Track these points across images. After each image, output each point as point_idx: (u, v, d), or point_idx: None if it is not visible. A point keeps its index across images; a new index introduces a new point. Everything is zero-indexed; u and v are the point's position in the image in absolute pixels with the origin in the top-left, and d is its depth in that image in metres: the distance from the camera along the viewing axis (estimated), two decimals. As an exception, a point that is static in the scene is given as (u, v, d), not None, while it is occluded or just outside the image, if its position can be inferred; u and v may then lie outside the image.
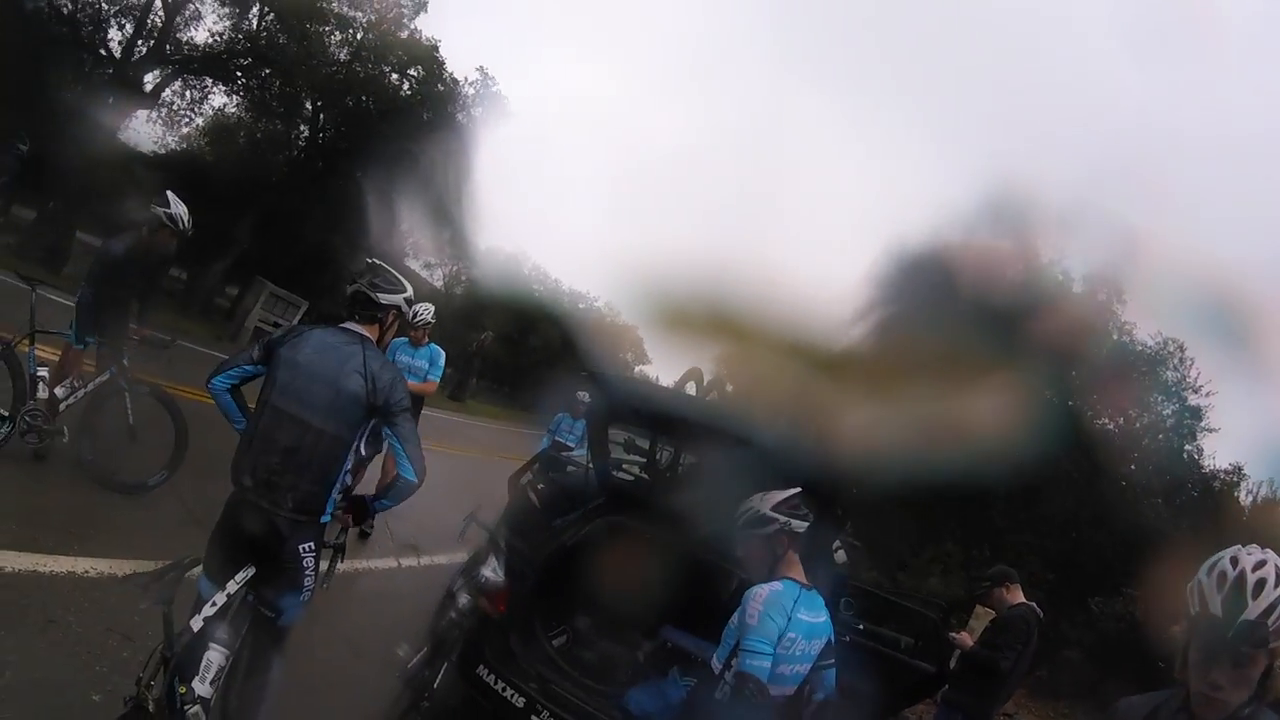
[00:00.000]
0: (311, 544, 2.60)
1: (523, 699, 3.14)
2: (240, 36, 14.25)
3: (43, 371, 4.36)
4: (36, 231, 13.17)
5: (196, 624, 2.37)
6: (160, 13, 13.69)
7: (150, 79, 14.10)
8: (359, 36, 15.33)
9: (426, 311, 5.82)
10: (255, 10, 14.30)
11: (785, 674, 2.61)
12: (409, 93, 15.85)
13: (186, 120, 14.80)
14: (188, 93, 14.70)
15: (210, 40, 14.08)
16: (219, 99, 14.91)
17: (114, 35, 13.60)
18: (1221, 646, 1.47)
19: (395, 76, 15.91)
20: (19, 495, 4.00)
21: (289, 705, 2.97)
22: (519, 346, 22.15)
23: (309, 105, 15.56)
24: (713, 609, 3.28)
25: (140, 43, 13.68)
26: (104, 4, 13.06)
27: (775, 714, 2.60)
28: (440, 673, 3.31)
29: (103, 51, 13.47)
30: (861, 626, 4.20)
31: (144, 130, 14.36)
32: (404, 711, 3.32)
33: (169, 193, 4.67)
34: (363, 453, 2.73)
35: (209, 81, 14.62)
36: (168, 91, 14.46)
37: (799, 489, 2.72)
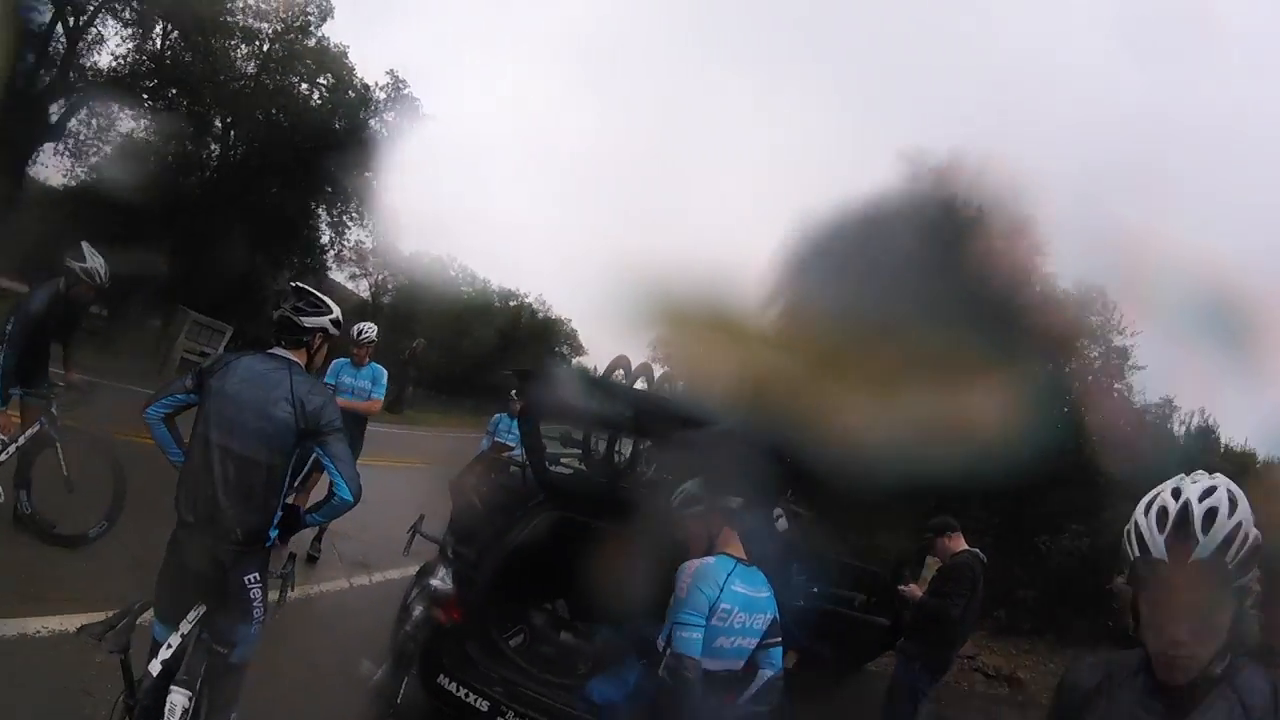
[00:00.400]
0: (256, 574, 2.59)
1: (486, 703, 3.15)
2: (144, 58, 13.62)
3: None
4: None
5: (155, 668, 2.38)
6: (62, 39, 12.99)
7: (55, 109, 13.39)
8: (265, 48, 14.82)
9: (370, 330, 5.85)
10: (159, 29, 13.69)
11: (725, 647, 2.63)
12: (319, 102, 15.41)
13: (94, 150, 14.04)
14: (94, 121, 13.96)
15: (114, 64, 13.44)
16: (126, 124, 14.19)
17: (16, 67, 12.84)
18: (1173, 596, 1.23)
19: (305, 86, 15.45)
20: None
21: None
22: (453, 350, 21.81)
23: (218, 123, 14.95)
24: (665, 591, 3.31)
25: (43, 73, 12.97)
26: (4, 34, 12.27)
27: (717, 687, 2.64)
28: (404, 685, 3.30)
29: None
30: (815, 590, 4.30)
31: (52, 164, 13.71)
32: None
33: (84, 244, 4.55)
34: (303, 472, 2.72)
35: (114, 108, 13.89)
36: (73, 121, 13.74)
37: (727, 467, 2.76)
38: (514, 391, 5.98)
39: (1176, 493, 1.27)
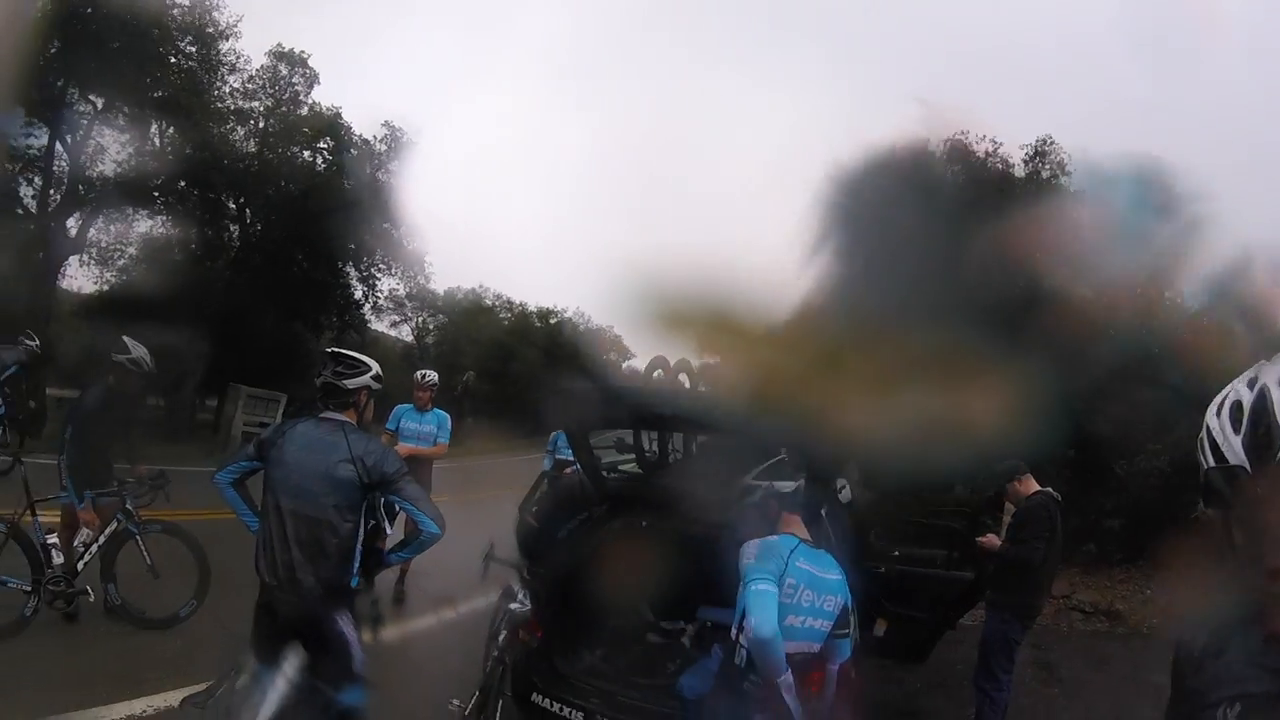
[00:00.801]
0: (347, 613, 2.74)
1: (581, 714, 3.20)
2: (145, 158, 14.09)
3: (52, 538, 4.46)
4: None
5: (266, 714, 2.47)
6: (64, 158, 13.59)
7: (72, 224, 13.97)
8: (260, 125, 15.27)
9: (432, 376, 6.14)
10: (154, 129, 14.15)
11: (796, 626, 2.60)
12: (323, 166, 15.81)
13: (119, 253, 14.68)
14: (111, 227, 14.59)
15: (118, 170, 13.93)
16: (143, 224, 14.81)
17: (25, 192, 13.51)
18: (1263, 513, 0.94)
19: (306, 154, 15.86)
20: (63, 658, 4.08)
21: None
22: (502, 377, 22.12)
23: (232, 204, 15.44)
24: (738, 579, 3.32)
25: (53, 192, 13.57)
26: (7, 165, 12.92)
27: (793, 671, 2.61)
28: (497, 712, 3.34)
29: (19, 211, 13.33)
30: (896, 553, 4.24)
31: (81, 275, 14.34)
32: None
33: (125, 338, 4.77)
34: (374, 521, 2.82)
35: (129, 210, 14.49)
36: (92, 231, 14.32)
37: (780, 456, 2.76)
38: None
39: (1252, 382, 0.99)
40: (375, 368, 2.92)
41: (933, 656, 4.54)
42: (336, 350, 2.95)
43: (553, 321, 25.16)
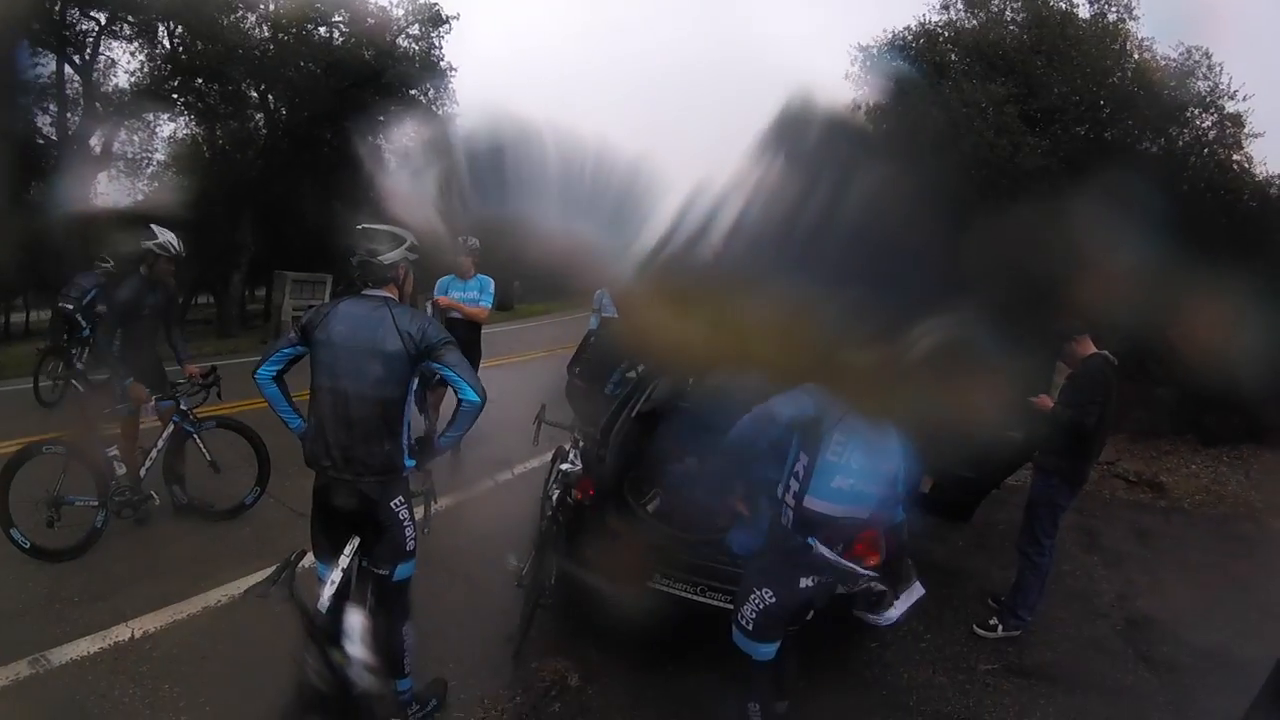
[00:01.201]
0: (401, 497, 2.79)
1: (633, 572, 3.31)
2: (159, 62, 13.70)
3: (112, 451, 4.55)
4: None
5: (324, 602, 2.59)
6: (76, 80, 13.25)
7: (95, 141, 13.79)
8: (271, 8, 14.50)
9: (474, 241, 6.02)
10: (162, 30, 13.59)
11: (844, 489, 2.59)
12: (341, 40, 15.07)
13: (147, 162, 14.54)
14: (134, 138, 14.38)
15: (133, 79, 13.62)
16: (166, 128, 14.58)
17: (43, 121, 13.29)
18: None
19: (323, 30, 15.09)
20: (139, 562, 4.28)
21: (427, 649, 3.26)
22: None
23: (253, 93, 15.02)
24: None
25: (70, 115, 13.34)
26: (19, 98, 12.59)
27: (839, 534, 2.65)
28: (553, 570, 3.46)
29: (40, 140, 13.17)
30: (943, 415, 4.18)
31: (114, 189, 14.26)
32: (528, 616, 3.52)
33: (152, 225, 4.73)
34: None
35: (150, 118, 14.23)
36: (116, 145, 14.15)
37: None
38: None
39: None
40: (410, 238, 2.84)
41: (976, 516, 4.60)
42: (367, 226, 2.85)
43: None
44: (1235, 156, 9.80)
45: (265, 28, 14.61)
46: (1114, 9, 10.25)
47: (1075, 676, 3.95)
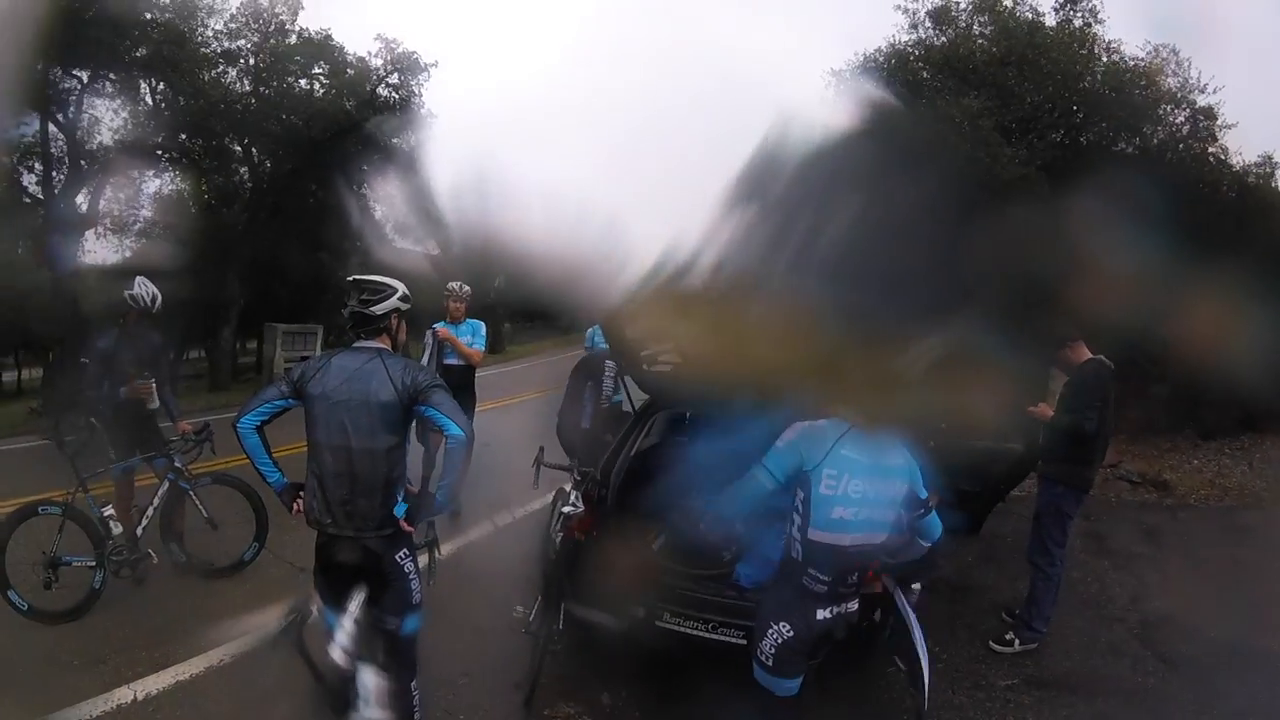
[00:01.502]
0: (405, 550, 2.75)
1: (641, 609, 3.24)
2: (141, 119, 13.82)
3: (108, 510, 4.48)
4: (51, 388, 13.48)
5: (336, 654, 2.53)
6: (60, 138, 13.34)
7: (81, 199, 13.89)
8: (251, 62, 14.72)
9: (463, 288, 6.02)
10: (144, 89, 13.76)
11: (847, 519, 2.56)
12: (322, 92, 15.29)
13: (132, 219, 14.64)
14: (120, 194, 14.48)
15: (116, 137, 13.69)
16: (152, 184, 14.70)
17: (28, 180, 13.43)
18: None
19: (303, 82, 15.34)
20: (140, 622, 4.19)
21: (436, 700, 3.20)
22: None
23: (236, 147, 15.18)
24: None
25: (55, 173, 13.44)
26: (3, 158, 12.72)
27: (852, 563, 2.62)
28: (560, 614, 3.38)
29: (26, 200, 13.26)
30: (943, 426, 4.16)
31: (100, 247, 14.38)
32: (538, 662, 3.43)
33: (138, 277, 4.73)
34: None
35: (135, 174, 14.34)
36: (102, 202, 14.25)
37: None
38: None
39: None
40: (401, 288, 2.82)
41: (983, 530, 4.55)
42: (358, 278, 2.83)
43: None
44: (1211, 149, 10.00)
45: (246, 81, 14.84)
46: (1079, 14, 10.51)
47: (1096, 683, 3.89)
